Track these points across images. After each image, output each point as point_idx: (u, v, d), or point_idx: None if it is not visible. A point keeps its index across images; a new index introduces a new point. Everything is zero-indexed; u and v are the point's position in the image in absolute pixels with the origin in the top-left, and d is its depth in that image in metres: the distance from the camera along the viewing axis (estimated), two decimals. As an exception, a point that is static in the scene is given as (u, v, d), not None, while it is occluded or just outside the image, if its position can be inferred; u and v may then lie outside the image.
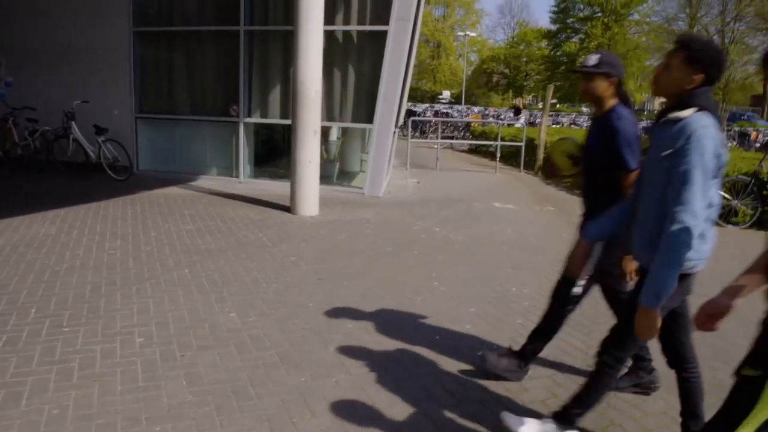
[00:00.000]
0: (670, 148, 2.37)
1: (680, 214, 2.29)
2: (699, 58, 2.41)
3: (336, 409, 3.19)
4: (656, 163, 2.45)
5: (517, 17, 62.18)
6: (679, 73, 2.44)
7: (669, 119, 2.44)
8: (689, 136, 2.32)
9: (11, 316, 4.23)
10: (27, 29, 10.97)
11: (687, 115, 2.38)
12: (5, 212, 7.29)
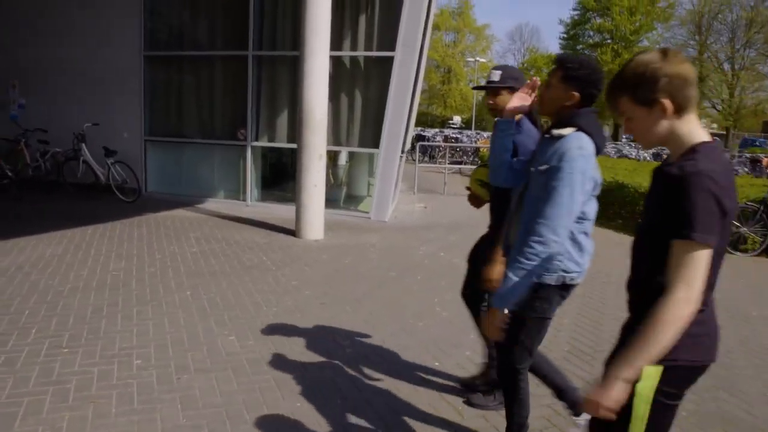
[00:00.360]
0: (546, 164, 2.45)
1: (540, 227, 2.37)
2: (574, 77, 2.51)
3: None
4: (536, 178, 2.52)
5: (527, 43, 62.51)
6: (557, 92, 2.55)
7: (552, 135, 2.51)
8: (563, 154, 2.40)
9: (12, 336, 4.24)
10: (41, 53, 11.17)
11: (566, 134, 2.45)
12: (14, 232, 7.35)
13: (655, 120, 1.79)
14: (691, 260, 1.67)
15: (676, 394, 1.83)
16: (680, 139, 1.79)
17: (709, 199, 1.64)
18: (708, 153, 1.73)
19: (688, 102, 1.77)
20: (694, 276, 1.67)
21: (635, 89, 1.79)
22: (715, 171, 1.66)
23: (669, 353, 1.73)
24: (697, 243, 1.66)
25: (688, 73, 1.75)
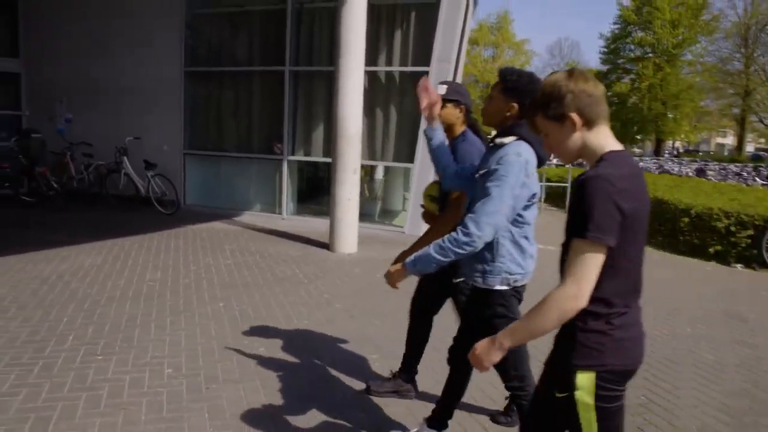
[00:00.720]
0: (485, 168, 2.61)
1: (466, 220, 2.51)
2: (513, 88, 2.66)
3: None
4: (477, 184, 2.66)
5: (567, 58, 61.74)
6: (498, 103, 2.71)
7: (495, 144, 2.67)
8: (501, 158, 2.56)
9: (50, 342, 4.37)
10: (87, 70, 11.56)
11: (507, 142, 2.61)
12: (57, 242, 7.59)
13: (568, 134, 1.92)
14: (583, 258, 1.76)
15: (613, 396, 1.87)
16: (593, 150, 1.91)
17: (606, 201, 1.73)
18: (613, 160, 1.84)
19: (595, 115, 1.89)
20: (584, 273, 1.76)
21: (546, 107, 1.92)
22: (613, 175, 1.76)
23: (598, 360, 1.83)
24: (590, 241, 1.74)
25: (592, 90, 1.89)
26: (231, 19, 10.81)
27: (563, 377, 1.92)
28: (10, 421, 3.23)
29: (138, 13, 11.07)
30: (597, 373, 1.85)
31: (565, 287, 1.78)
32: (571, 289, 1.77)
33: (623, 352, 1.88)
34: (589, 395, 1.86)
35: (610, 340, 1.84)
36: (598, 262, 1.76)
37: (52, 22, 11.94)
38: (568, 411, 1.91)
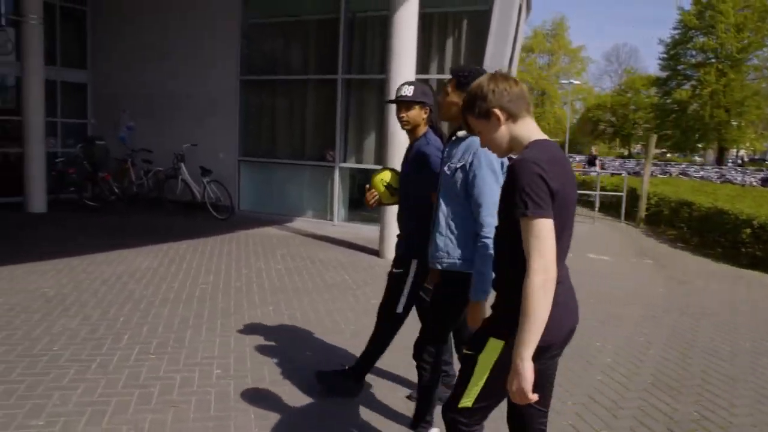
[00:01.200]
0: (461, 161, 2.77)
1: (482, 216, 2.69)
2: (465, 83, 2.78)
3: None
4: (449, 177, 2.81)
5: (624, 64, 60.45)
6: (453, 98, 2.89)
7: (458, 137, 2.85)
8: (475, 151, 2.72)
9: (107, 340, 4.55)
10: (148, 79, 12.02)
11: (469, 134, 2.76)
12: (117, 245, 7.89)
13: (495, 128, 2.09)
14: (535, 232, 1.86)
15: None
16: (519, 141, 2.08)
17: (536, 179, 1.87)
18: (537, 146, 2.01)
19: (517, 109, 2.06)
20: (542, 246, 1.85)
21: (473, 107, 2.10)
22: (539, 158, 1.92)
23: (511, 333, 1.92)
24: (534, 217, 1.86)
25: (511, 87, 2.07)
26: (285, 28, 11.06)
27: (477, 337, 2.11)
28: (69, 413, 3.38)
29: (196, 24, 11.45)
30: (506, 344, 2.00)
31: (533, 267, 1.85)
32: (539, 265, 1.84)
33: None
34: (491, 361, 2.04)
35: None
36: (548, 232, 1.87)
37: (116, 36, 12.47)
38: (467, 366, 2.12)
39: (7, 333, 4.60)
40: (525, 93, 2.10)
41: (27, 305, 5.31)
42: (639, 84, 53.39)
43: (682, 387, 4.28)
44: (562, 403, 3.90)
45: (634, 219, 13.14)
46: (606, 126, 56.66)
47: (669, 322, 5.85)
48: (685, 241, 11.02)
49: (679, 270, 8.46)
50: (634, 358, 4.80)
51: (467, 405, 2.13)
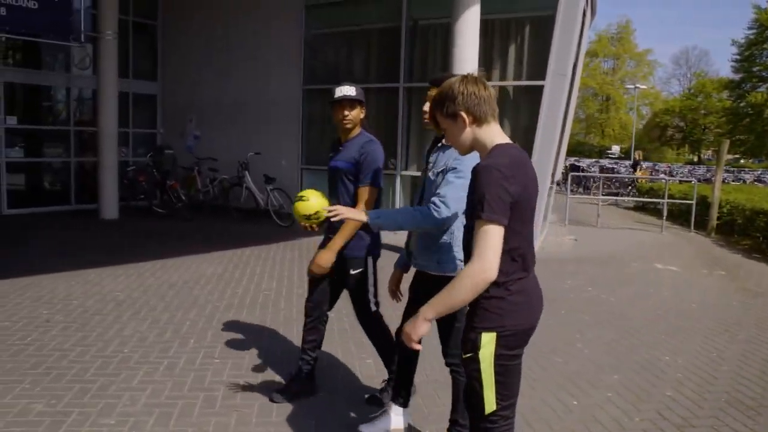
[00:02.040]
0: (443, 166, 2.90)
1: (437, 200, 2.81)
2: None
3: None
4: (433, 181, 2.94)
5: (694, 68, 58.35)
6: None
7: (443, 145, 3.00)
8: (456, 157, 2.83)
9: (174, 344, 4.69)
10: (213, 89, 12.40)
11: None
12: (183, 251, 8.14)
13: (460, 129, 2.21)
14: (483, 236, 2.01)
15: (512, 355, 2.19)
16: (483, 144, 2.21)
17: (496, 186, 2.00)
18: (500, 151, 2.13)
19: (483, 114, 2.18)
20: (486, 249, 1.99)
21: (442, 106, 2.22)
22: (501, 164, 2.04)
23: (497, 322, 2.13)
24: (486, 221, 1.99)
25: (480, 92, 2.17)
26: (347, 37, 11.20)
27: (469, 339, 2.19)
28: (138, 413, 3.50)
29: (259, 35, 11.74)
30: (498, 335, 2.14)
31: (473, 264, 2.01)
32: (478, 265, 2.00)
33: (519, 314, 2.18)
34: (491, 353, 2.14)
35: (508, 304, 2.15)
36: (497, 238, 2.00)
37: (184, 48, 12.93)
38: (472, 370, 2.19)
39: (83, 335, 4.80)
40: (492, 98, 2.22)
41: (100, 308, 5.53)
42: (710, 87, 51.46)
43: (759, 407, 4.06)
44: (630, 418, 3.78)
45: (705, 228, 12.62)
46: (674, 131, 54.79)
47: (744, 338, 5.57)
48: (761, 251, 10.50)
49: (754, 282, 8.07)
50: (706, 375, 4.59)
51: (492, 408, 2.19)
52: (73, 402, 3.61)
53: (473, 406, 2.26)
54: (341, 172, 3.51)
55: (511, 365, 2.21)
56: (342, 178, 3.52)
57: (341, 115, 3.50)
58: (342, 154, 3.54)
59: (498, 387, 2.18)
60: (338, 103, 3.48)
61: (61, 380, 3.92)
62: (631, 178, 19.69)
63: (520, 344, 2.22)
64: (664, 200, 13.16)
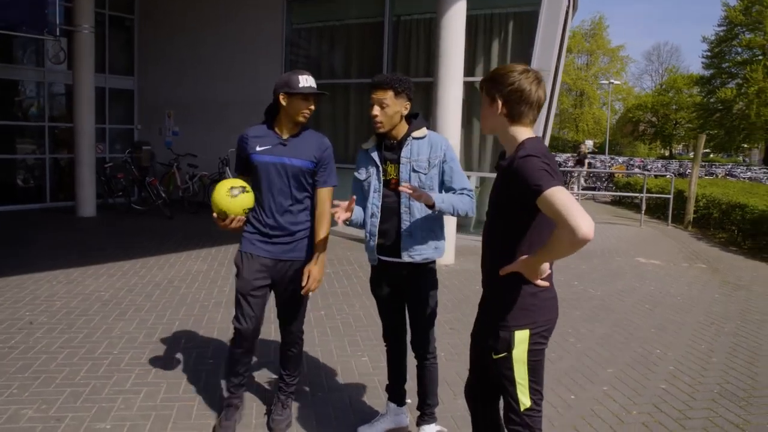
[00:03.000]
0: (433, 159, 3.02)
1: (468, 191, 3.04)
2: (401, 91, 2.98)
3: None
4: (424, 174, 3.03)
5: (665, 63, 59.09)
6: (395, 107, 2.98)
7: (414, 138, 3.06)
8: (446, 147, 3.06)
9: (165, 344, 4.61)
10: (192, 84, 12.22)
11: (427, 133, 3.08)
12: (166, 249, 8.01)
13: (492, 113, 2.23)
14: (556, 201, 1.91)
15: (541, 350, 2.23)
16: (511, 137, 2.20)
17: (539, 166, 1.98)
18: (533, 143, 2.11)
19: (518, 113, 2.18)
20: (567, 208, 1.88)
21: (489, 84, 2.23)
22: (539, 151, 2.04)
23: (530, 318, 2.17)
24: (550, 189, 1.92)
25: (529, 93, 2.15)
26: (329, 33, 11.09)
27: (500, 338, 2.19)
28: (134, 417, 3.42)
29: (240, 29, 11.58)
30: (530, 331, 2.17)
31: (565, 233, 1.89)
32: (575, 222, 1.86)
33: (549, 310, 2.24)
34: (524, 351, 2.17)
35: (540, 300, 2.19)
36: (567, 196, 1.91)
37: (162, 43, 12.73)
38: (504, 369, 2.20)
39: (69, 336, 4.69)
40: (538, 104, 2.20)
41: (85, 309, 5.41)
42: (681, 83, 52.19)
43: (750, 398, 4.12)
44: (627, 412, 3.80)
45: (682, 222, 12.80)
46: (647, 126, 55.53)
47: (730, 330, 5.66)
48: (737, 244, 10.69)
49: (734, 275, 8.20)
50: (698, 367, 4.65)
51: (527, 404, 2.21)
52: (65, 406, 3.51)
53: (507, 405, 2.25)
54: (298, 170, 3.17)
55: (541, 359, 2.25)
56: (299, 176, 3.18)
57: (309, 107, 3.14)
58: (294, 151, 3.16)
59: (531, 383, 2.21)
60: (309, 93, 3.10)
61: (50, 384, 3.82)
62: (608, 172, 19.89)
63: (548, 338, 2.26)
64: (643, 194, 13.31)
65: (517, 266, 2.14)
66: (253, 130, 3.25)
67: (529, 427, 2.24)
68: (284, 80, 3.13)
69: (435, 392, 3.22)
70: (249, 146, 3.19)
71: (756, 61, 41.29)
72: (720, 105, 44.34)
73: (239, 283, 3.27)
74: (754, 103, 40.41)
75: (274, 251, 3.24)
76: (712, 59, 45.17)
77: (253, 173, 3.22)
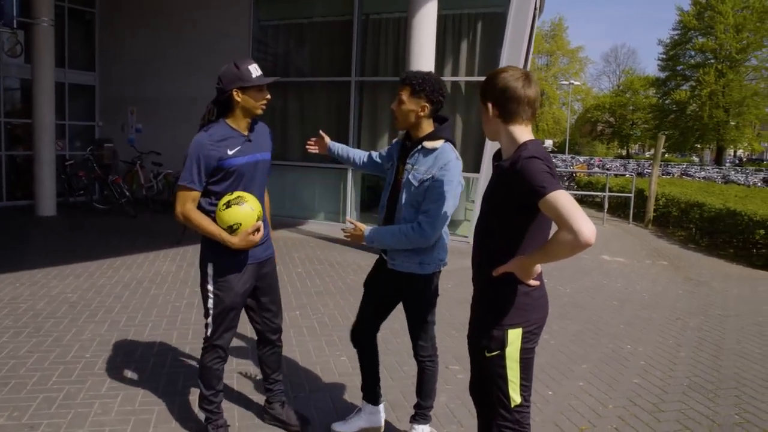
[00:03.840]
0: (429, 173, 2.81)
1: (424, 223, 2.81)
2: (421, 90, 2.82)
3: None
4: (417, 186, 2.86)
5: (623, 65, 60.56)
6: (410, 106, 2.86)
7: (424, 147, 2.88)
8: (445, 164, 2.80)
9: (138, 346, 4.51)
10: (156, 80, 11.98)
11: (438, 146, 2.85)
12: (132, 249, 7.85)
13: (487, 118, 2.25)
14: (560, 204, 1.92)
15: (532, 348, 2.27)
16: (510, 139, 2.20)
17: (541, 169, 1.99)
18: (534, 145, 2.12)
19: (510, 113, 2.18)
20: (570, 211, 1.90)
21: (482, 88, 2.25)
22: (540, 154, 2.05)
23: (523, 317, 2.20)
24: (550, 193, 1.94)
25: (517, 90, 2.15)
26: (297, 30, 11.00)
27: (494, 337, 2.22)
28: (112, 422, 3.34)
29: (206, 25, 11.40)
30: (523, 329, 2.20)
31: (566, 237, 1.91)
32: (577, 226, 1.89)
33: (541, 308, 2.27)
34: (517, 350, 2.21)
35: (532, 299, 2.22)
36: (568, 199, 1.93)
37: (124, 38, 12.44)
38: (497, 367, 2.23)
39: (37, 340, 4.55)
40: (530, 101, 2.20)
41: (52, 311, 5.26)
42: (638, 85, 53.51)
43: (718, 390, 4.26)
44: (603, 406, 3.89)
45: (642, 220, 13.13)
46: (604, 126, 56.75)
47: (695, 325, 5.83)
48: (695, 242, 11.02)
49: (695, 271, 8.45)
50: (667, 361, 4.78)
51: (518, 401, 2.26)
52: (39, 413, 3.41)
53: (498, 401, 2.29)
54: (268, 163, 3.16)
55: (532, 357, 2.29)
56: (267, 170, 3.17)
57: (266, 97, 3.03)
58: (259, 145, 3.10)
59: (522, 380, 2.26)
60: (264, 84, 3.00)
61: (21, 390, 3.70)
62: (569, 172, 20.26)
63: (539, 335, 2.30)
64: (605, 193, 13.60)
65: (511, 267, 2.15)
66: (213, 134, 2.94)
67: (519, 423, 2.28)
68: (234, 75, 2.94)
69: (430, 395, 3.21)
70: (218, 152, 2.90)
71: (708, 65, 42.62)
72: (675, 106, 45.61)
73: (229, 299, 3.06)
74: (706, 105, 41.73)
75: (257, 254, 3.16)
76: (667, 62, 46.43)
77: (223, 179, 2.95)
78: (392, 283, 3.08)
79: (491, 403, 2.33)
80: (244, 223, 2.88)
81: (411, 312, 3.13)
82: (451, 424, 3.55)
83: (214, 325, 3.10)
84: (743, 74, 42.86)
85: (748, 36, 40.99)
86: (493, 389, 2.29)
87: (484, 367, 2.31)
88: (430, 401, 3.23)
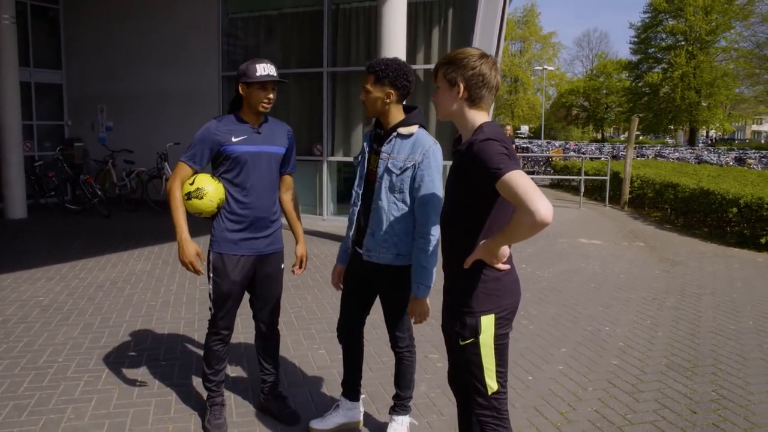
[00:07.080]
0: (409, 160, 2.79)
1: (430, 225, 2.77)
2: (384, 77, 2.81)
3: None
4: (396, 174, 2.82)
5: (595, 49, 61.00)
6: (376, 93, 2.84)
7: (399, 134, 2.85)
8: (427, 150, 2.79)
9: (112, 348, 4.42)
10: (125, 77, 11.77)
11: (414, 131, 2.84)
12: (105, 248, 7.71)
13: (452, 98, 2.21)
14: (516, 185, 1.89)
15: (506, 333, 2.26)
16: (468, 122, 2.20)
17: (498, 150, 1.97)
18: (490, 128, 2.11)
19: (479, 97, 2.19)
20: (526, 191, 1.87)
21: (447, 67, 2.21)
22: (497, 135, 2.04)
23: (496, 303, 2.19)
24: (506, 173, 1.92)
25: (489, 78, 2.18)
26: (267, 22, 10.86)
27: (467, 325, 2.20)
28: (86, 427, 3.27)
29: (174, 20, 11.22)
30: (496, 315, 2.19)
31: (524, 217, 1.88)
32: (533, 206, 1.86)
33: (512, 293, 2.26)
34: (491, 336, 2.19)
35: (503, 284, 2.22)
36: (526, 179, 1.90)
37: (91, 34, 12.19)
38: (471, 355, 2.22)
39: (8, 346, 4.44)
40: (496, 89, 2.24)
41: (23, 315, 5.14)
42: (610, 68, 53.92)
43: (695, 368, 4.30)
44: (583, 389, 3.90)
45: (618, 202, 13.24)
46: (579, 111, 57.15)
47: (671, 304, 5.88)
48: (671, 222, 11.14)
49: (671, 251, 8.53)
50: (645, 341, 4.82)
51: (494, 388, 2.24)
52: (10, 421, 3.32)
53: (474, 389, 2.27)
54: (276, 157, 3.24)
55: (506, 342, 2.27)
56: (276, 164, 3.25)
57: (268, 96, 3.08)
58: (269, 138, 3.19)
59: (497, 367, 2.24)
60: (266, 82, 3.04)
61: (-9, 397, 3.61)
62: (545, 156, 20.35)
63: (512, 320, 2.29)
64: (581, 177, 13.68)
65: (478, 254, 2.14)
66: (222, 122, 3.12)
67: (497, 409, 2.27)
68: (243, 70, 3.07)
69: (408, 385, 3.19)
70: (222, 138, 3.07)
71: (679, 47, 43.03)
72: (647, 89, 46.02)
73: (225, 286, 3.21)
74: (678, 87, 42.17)
75: (258, 246, 3.29)
76: (639, 45, 46.78)
77: (226, 166, 3.13)
78: (368, 274, 3.04)
79: (469, 391, 2.31)
80: (204, 213, 3.19)
81: (387, 303, 3.09)
82: (432, 414, 3.53)
83: (215, 309, 3.26)
84: (713, 55, 43.34)
85: (716, 18, 41.42)
86: (468, 377, 2.27)
87: (459, 355, 2.29)
88: (409, 392, 3.20)
